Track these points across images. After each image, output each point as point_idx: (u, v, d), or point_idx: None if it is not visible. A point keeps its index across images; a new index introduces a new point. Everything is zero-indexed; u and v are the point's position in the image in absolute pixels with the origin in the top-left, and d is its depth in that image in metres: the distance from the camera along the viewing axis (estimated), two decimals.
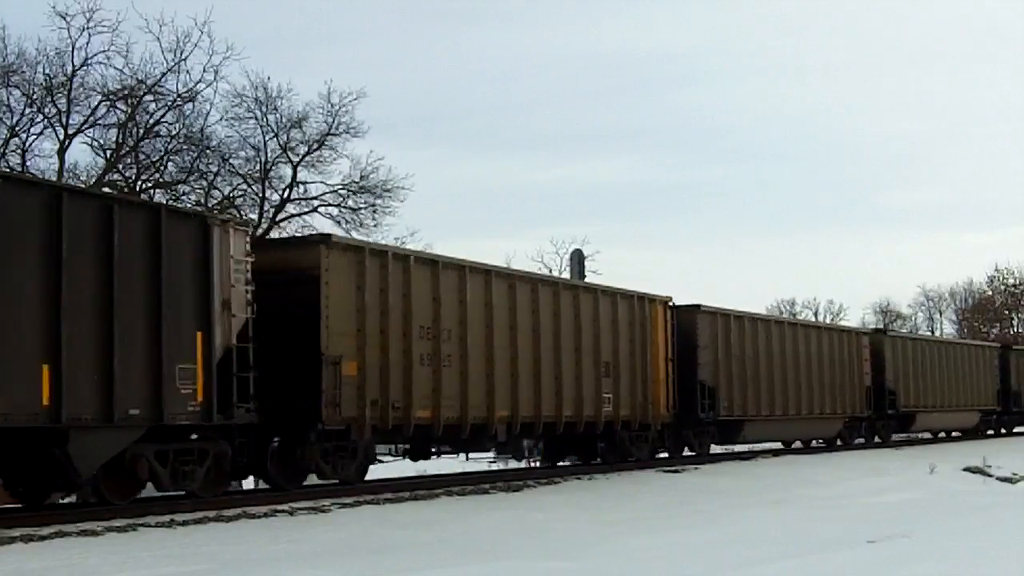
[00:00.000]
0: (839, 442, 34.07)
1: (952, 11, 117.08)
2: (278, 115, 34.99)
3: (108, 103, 31.82)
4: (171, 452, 14.78)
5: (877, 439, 35.70)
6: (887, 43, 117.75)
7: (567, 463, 25.91)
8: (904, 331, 65.38)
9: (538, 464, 28.06)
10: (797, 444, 34.25)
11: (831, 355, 32.34)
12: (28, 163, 30.93)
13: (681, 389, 25.84)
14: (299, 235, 31.21)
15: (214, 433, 15.31)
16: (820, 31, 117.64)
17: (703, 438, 27.57)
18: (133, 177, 32.95)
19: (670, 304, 25.59)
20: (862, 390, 33.83)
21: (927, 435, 40.87)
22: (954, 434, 41.97)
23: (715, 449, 29.70)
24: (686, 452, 27.26)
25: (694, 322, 26.51)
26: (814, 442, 34.74)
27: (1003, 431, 44.48)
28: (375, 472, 21.83)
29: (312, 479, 18.07)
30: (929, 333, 77.09)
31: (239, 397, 15.21)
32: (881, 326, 70.83)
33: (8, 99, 30.76)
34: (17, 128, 30.96)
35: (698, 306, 26.98)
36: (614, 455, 24.41)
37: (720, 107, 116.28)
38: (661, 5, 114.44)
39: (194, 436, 15.24)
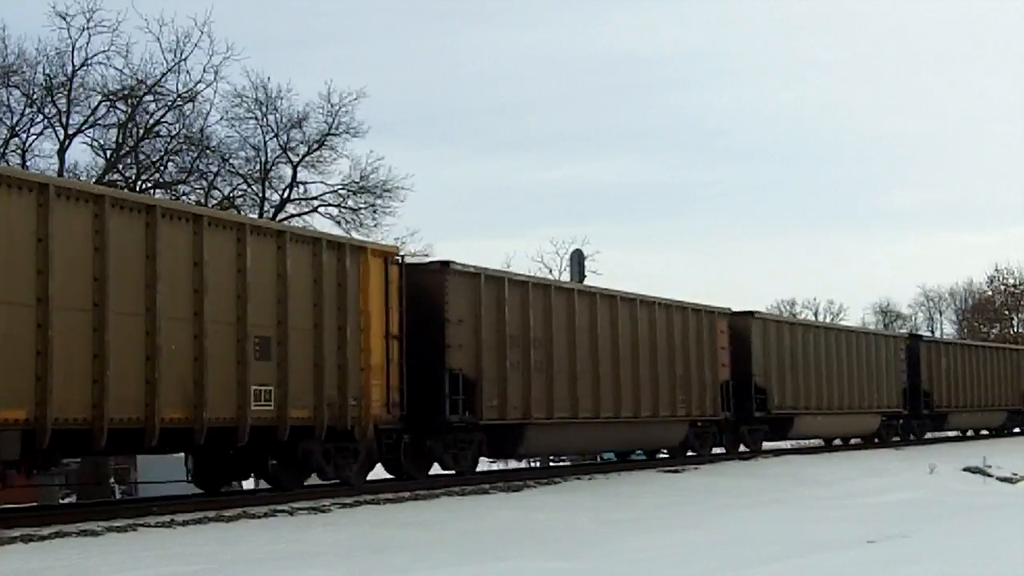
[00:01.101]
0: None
1: (952, 11, 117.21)
2: (278, 115, 35.00)
3: (108, 103, 31.80)
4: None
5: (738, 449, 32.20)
6: (887, 43, 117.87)
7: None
8: (776, 314, 51.51)
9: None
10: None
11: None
12: (28, 163, 30.94)
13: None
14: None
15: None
16: (820, 31, 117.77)
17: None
18: (133, 177, 32.91)
19: (395, 258, 18.86)
20: (714, 387, 27.32)
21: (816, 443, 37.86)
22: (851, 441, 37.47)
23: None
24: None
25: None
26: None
27: (912, 437, 38.17)
28: (376, 472, 21.85)
29: (313, 479, 18.10)
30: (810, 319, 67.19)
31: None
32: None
33: (8, 99, 30.76)
34: (17, 128, 30.95)
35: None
36: (292, 477, 17.44)
37: (720, 107, 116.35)
38: (661, 5, 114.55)
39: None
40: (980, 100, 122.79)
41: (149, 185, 33.09)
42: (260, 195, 35.19)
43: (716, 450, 28.36)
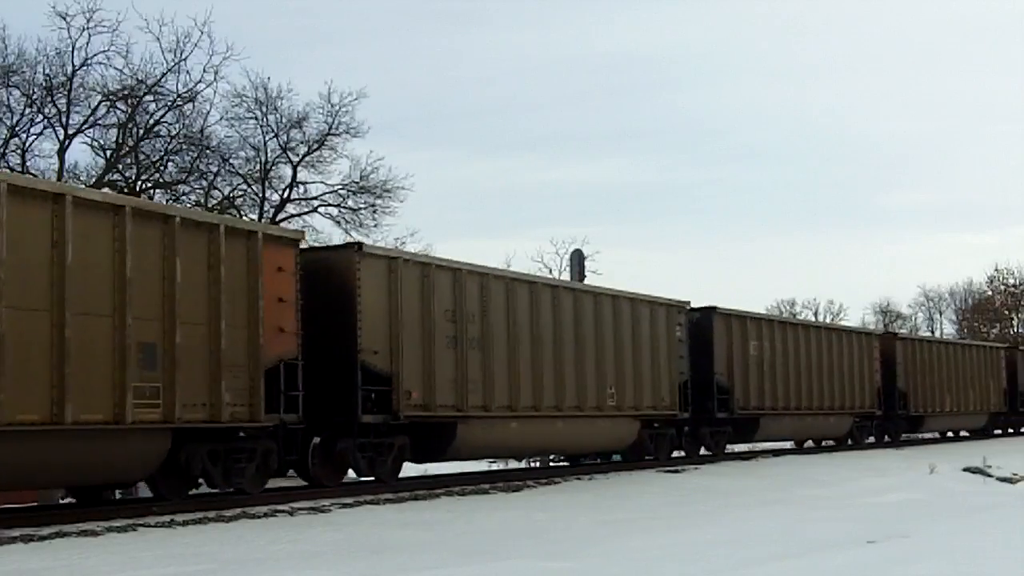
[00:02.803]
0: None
1: (952, 11, 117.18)
2: (278, 115, 35.13)
3: (108, 103, 31.89)
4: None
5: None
6: (887, 43, 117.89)
7: None
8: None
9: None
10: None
11: None
12: (28, 163, 30.98)
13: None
14: None
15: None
16: (820, 32, 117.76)
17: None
18: (133, 177, 32.99)
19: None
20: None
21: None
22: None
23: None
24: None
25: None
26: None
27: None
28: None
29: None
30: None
31: None
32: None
33: (8, 99, 30.85)
34: (17, 128, 31.04)
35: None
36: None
37: (720, 108, 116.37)
38: (661, 6, 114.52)
39: None
40: (980, 100, 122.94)
41: (149, 185, 33.16)
42: (260, 195, 35.26)
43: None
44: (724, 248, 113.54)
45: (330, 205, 36.44)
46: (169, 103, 32.52)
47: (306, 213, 36.30)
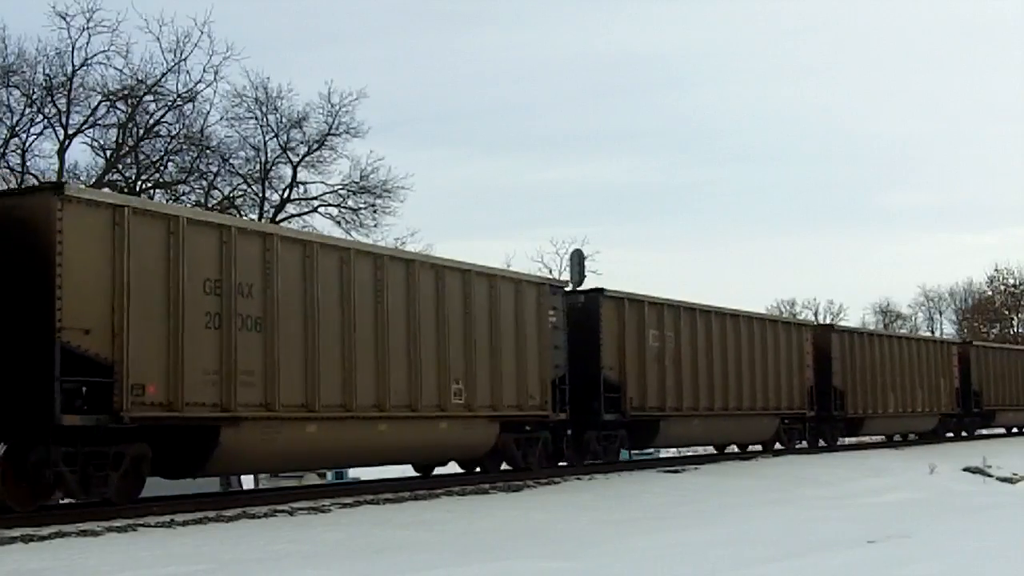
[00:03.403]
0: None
1: (952, 11, 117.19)
2: (278, 115, 35.11)
3: (108, 103, 31.88)
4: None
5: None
6: (887, 43, 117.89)
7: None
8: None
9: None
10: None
11: None
12: (28, 163, 30.99)
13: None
14: None
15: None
16: (820, 32, 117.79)
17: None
18: (133, 177, 32.98)
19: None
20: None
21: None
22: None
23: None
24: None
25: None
26: None
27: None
28: (374, 473, 21.83)
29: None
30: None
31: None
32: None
33: (8, 99, 30.83)
34: (17, 128, 31.02)
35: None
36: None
37: (720, 108, 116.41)
38: (661, 7, 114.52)
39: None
40: (980, 100, 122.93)
41: (149, 185, 33.15)
42: (260, 195, 35.25)
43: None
44: (724, 248, 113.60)
45: (330, 205, 36.44)
46: (169, 103, 32.53)
47: (306, 213, 36.31)
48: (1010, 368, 44.27)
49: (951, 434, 40.27)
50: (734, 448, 30.60)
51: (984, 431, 42.50)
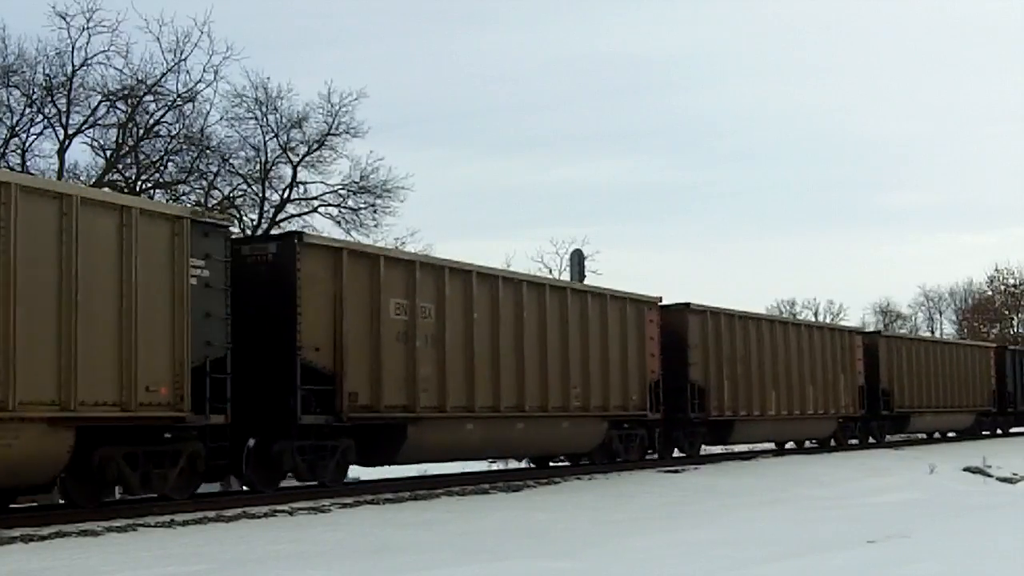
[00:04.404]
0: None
1: (952, 11, 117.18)
2: (278, 115, 35.11)
3: (108, 103, 31.86)
4: None
5: None
6: (886, 44, 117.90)
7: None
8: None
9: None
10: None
11: None
12: (28, 163, 30.96)
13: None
14: None
15: None
16: (820, 32, 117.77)
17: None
18: (133, 177, 32.97)
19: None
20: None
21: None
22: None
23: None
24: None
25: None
26: None
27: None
28: (374, 473, 21.83)
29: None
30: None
31: None
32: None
33: (8, 99, 30.82)
34: (17, 128, 31.01)
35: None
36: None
37: (720, 108, 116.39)
38: (660, 7, 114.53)
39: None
40: (980, 100, 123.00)
41: (149, 185, 33.14)
42: (260, 195, 35.26)
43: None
44: (724, 248, 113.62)
45: (330, 205, 36.45)
46: (169, 103, 32.52)
47: (306, 213, 36.31)
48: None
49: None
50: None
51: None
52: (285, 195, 35.77)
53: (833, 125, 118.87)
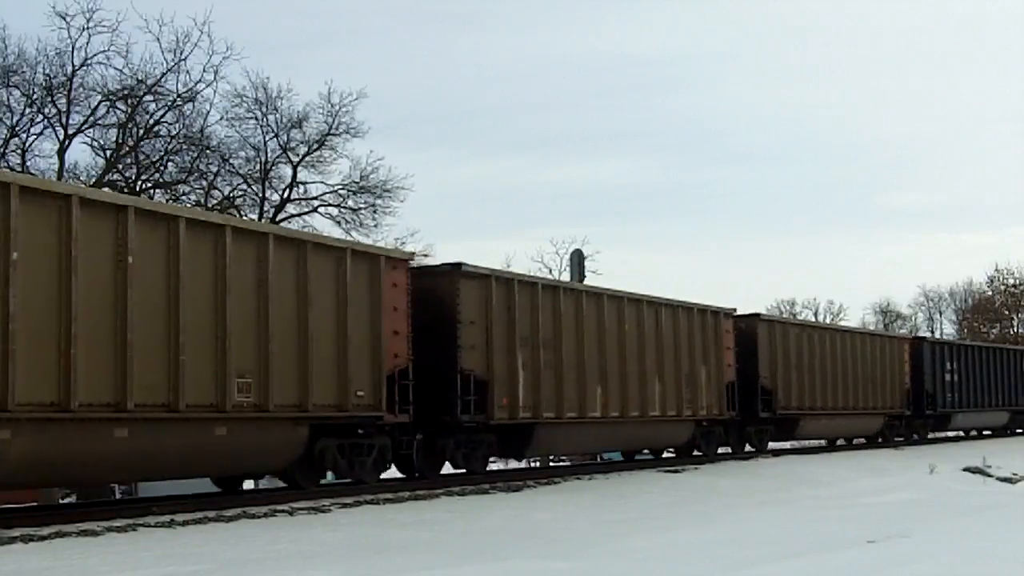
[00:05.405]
0: None
1: (952, 11, 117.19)
2: (278, 115, 35.04)
3: (108, 103, 31.80)
4: None
5: None
6: (887, 44, 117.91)
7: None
8: None
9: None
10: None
11: None
12: (28, 163, 30.94)
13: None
14: None
15: None
16: (820, 33, 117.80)
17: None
18: (133, 177, 32.92)
19: None
20: None
21: None
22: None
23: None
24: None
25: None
26: None
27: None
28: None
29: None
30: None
31: None
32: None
33: (8, 99, 30.77)
34: (17, 128, 30.95)
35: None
36: None
37: (720, 108, 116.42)
38: (660, 7, 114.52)
39: None
40: (980, 100, 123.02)
41: (149, 185, 33.11)
42: (260, 195, 35.21)
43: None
44: (724, 248, 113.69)
45: (330, 205, 36.38)
46: (169, 103, 32.45)
47: (306, 213, 36.24)
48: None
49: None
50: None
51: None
52: (285, 195, 35.74)
53: (833, 125, 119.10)
